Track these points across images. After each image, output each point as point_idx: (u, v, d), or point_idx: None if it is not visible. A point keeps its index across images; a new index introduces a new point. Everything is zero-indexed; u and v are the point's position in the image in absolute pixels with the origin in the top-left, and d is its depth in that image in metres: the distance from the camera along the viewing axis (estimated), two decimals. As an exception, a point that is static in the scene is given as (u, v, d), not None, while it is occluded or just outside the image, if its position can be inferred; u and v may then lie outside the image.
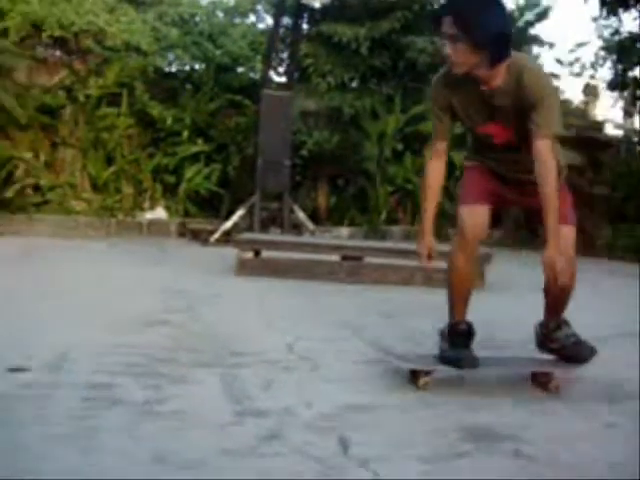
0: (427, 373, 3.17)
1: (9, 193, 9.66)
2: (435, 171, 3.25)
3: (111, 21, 12.35)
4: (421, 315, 4.77)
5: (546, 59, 17.12)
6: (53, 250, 7.65)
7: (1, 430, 2.37)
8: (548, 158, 2.93)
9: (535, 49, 13.00)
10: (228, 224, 9.09)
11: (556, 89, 3.02)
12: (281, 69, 12.56)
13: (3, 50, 10.49)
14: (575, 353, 3.24)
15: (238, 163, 10.98)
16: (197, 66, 12.55)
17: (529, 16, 12.64)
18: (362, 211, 11.65)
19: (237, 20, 14.13)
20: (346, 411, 2.82)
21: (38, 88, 10.85)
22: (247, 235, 7.58)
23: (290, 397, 2.95)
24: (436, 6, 12.00)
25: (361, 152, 11.68)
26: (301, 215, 9.72)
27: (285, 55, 12.47)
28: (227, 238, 8.65)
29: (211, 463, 2.23)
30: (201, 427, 2.55)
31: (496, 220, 3.71)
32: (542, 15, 12.68)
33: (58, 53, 11.66)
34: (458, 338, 3.19)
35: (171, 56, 12.73)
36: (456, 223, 3.22)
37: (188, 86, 11.74)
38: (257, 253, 6.58)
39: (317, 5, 12.37)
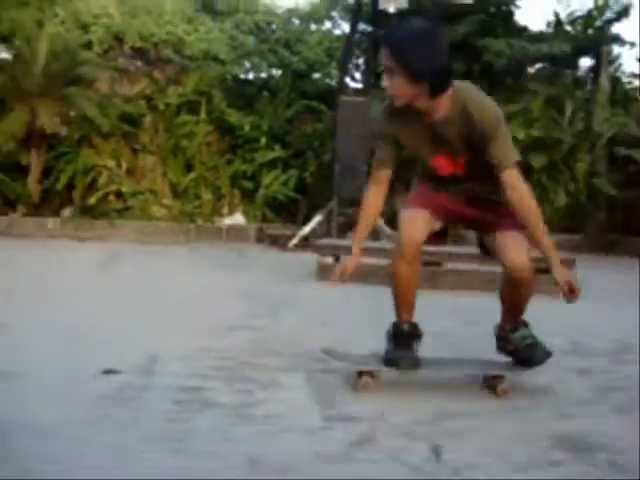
0: (368, 374, 3.12)
1: (92, 200, 9.93)
2: (374, 198, 3.21)
3: (189, 31, 12.58)
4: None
5: (627, 58, 16.61)
6: (135, 255, 7.82)
7: (99, 431, 2.42)
8: (518, 184, 2.90)
9: (615, 49, 12.67)
10: (306, 229, 9.13)
11: (502, 113, 2.96)
12: (357, 75, 12.57)
13: (87, 62, 10.78)
14: (528, 356, 3.16)
15: (315, 169, 11.01)
16: (274, 73, 12.67)
17: (609, 14, 12.33)
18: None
19: (313, 27, 14.19)
20: (438, 417, 2.79)
21: (120, 98, 11.12)
22: (327, 240, 7.59)
23: (379, 403, 2.93)
24: (513, 8, 11.87)
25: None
26: (379, 221, 9.68)
27: (361, 61, 12.47)
28: (305, 243, 8.69)
29: (304, 468, 2.22)
30: (292, 431, 2.55)
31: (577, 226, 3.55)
32: (622, 13, 12.30)
33: (139, 63, 11.94)
34: (400, 339, 3.13)
35: (248, 64, 12.88)
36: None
37: (265, 93, 11.85)
38: (337, 258, 6.58)
39: (392, 10, 12.28)
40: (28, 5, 13.64)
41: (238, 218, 10.30)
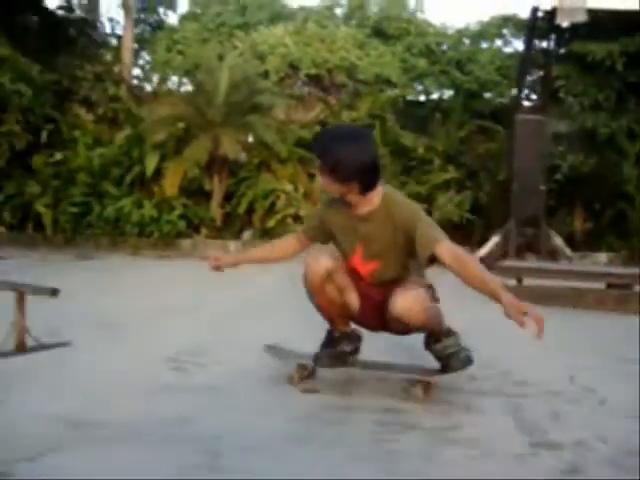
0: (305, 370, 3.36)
1: (271, 222, 10.28)
2: (287, 245, 3.47)
3: (361, 56, 12.82)
4: None
5: None
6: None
7: (305, 448, 2.48)
8: (456, 253, 2.95)
9: None
10: (483, 251, 9.01)
11: (419, 208, 3.15)
12: (530, 92, 12.32)
13: (264, 90, 11.21)
14: (447, 363, 3.26)
15: (490, 189, 10.86)
16: (445, 94, 12.65)
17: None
18: (621, 236, 11.06)
19: (484, 45, 14.07)
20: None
21: (296, 124, 11.48)
22: (509, 262, 7.45)
23: (582, 430, 2.83)
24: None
25: (619, 174, 11.10)
26: (558, 241, 9.41)
27: (535, 78, 12.22)
28: (483, 265, 8.56)
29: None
30: (496, 456, 2.50)
31: None
32: None
33: (313, 90, 12.28)
34: (329, 341, 3.34)
35: (420, 86, 12.94)
36: None
37: (437, 114, 11.83)
38: (519, 280, 6.44)
39: (566, 24, 11.96)
40: (209, 41, 14.44)
41: (413, 240, 10.32)
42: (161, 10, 18.05)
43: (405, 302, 3.04)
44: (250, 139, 11.43)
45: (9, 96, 11.74)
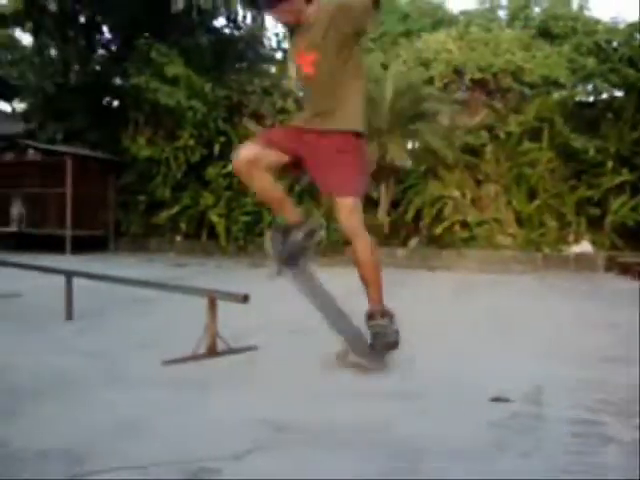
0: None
1: (438, 230, 10.28)
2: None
3: (527, 58, 12.56)
4: None
5: None
6: (486, 284, 7.90)
7: (500, 458, 2.50)
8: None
9: None
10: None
11: None
12: None
13: (430, 97, 11.23)
14: (373, 342, 3.63)
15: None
16: (617, 93, 12.18)
17: None
18: None
19: (658, 38, 13.44)
20: None
21: (461, 129, 11.41)
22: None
23: None
24: None
25: None
26: None
27: None
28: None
29: None
30: None
31: None
32: None
33: (478, 94, 12.16)
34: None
35: (589, 86, 12.53)
36: None
37: (609, 115, 11.42)
38: None
39: None
40: (373, 50, 14.61)
41: (585, 246, 10.01)
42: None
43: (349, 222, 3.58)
44: (415, 146, 11.48)
45: (184, 112, 12.41)
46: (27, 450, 2.43)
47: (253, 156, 3.63)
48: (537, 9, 15.89)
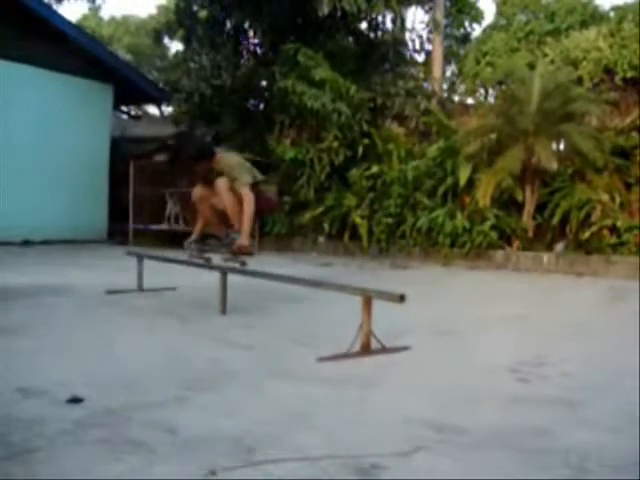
0: None
1: (586, 234, 9.98)
2: None
3: (685, 55, 11.99)
4: None
5: None
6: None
7: None
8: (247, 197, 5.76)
9: None
10: None
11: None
12: None
13: (578, 97, 10.93)
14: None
15: None
16: None
17: None
18: None
19: None
20: None
21: (611, 130, 11.04)
22: None
23: None
24: None
25: None
26: None
27: None
28: None
29: None
30: None
31: None
32: None
33: (630, 94, 11.74)
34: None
35: None
36: None
37: None
38: None
39: None
40: (518, 50, 14.38)
41: None
42: (466, 23, 18.33)
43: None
44: (561, 147, 11.21)
45: (329, 115, 12.63)
46: (198, 438, 2.60)
47: (199, 194, 6.42)
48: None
